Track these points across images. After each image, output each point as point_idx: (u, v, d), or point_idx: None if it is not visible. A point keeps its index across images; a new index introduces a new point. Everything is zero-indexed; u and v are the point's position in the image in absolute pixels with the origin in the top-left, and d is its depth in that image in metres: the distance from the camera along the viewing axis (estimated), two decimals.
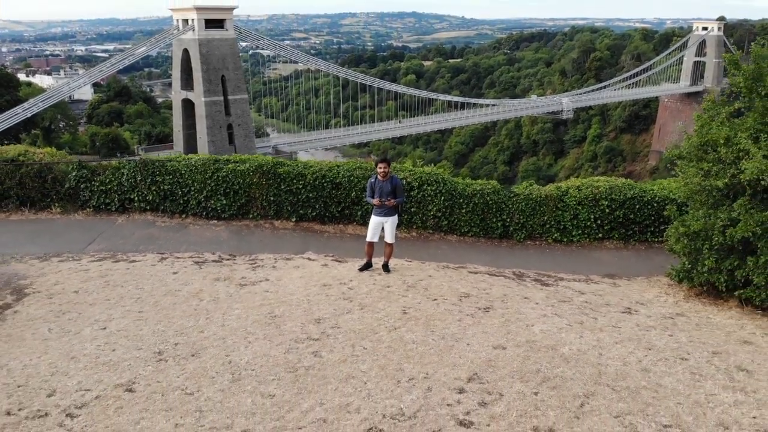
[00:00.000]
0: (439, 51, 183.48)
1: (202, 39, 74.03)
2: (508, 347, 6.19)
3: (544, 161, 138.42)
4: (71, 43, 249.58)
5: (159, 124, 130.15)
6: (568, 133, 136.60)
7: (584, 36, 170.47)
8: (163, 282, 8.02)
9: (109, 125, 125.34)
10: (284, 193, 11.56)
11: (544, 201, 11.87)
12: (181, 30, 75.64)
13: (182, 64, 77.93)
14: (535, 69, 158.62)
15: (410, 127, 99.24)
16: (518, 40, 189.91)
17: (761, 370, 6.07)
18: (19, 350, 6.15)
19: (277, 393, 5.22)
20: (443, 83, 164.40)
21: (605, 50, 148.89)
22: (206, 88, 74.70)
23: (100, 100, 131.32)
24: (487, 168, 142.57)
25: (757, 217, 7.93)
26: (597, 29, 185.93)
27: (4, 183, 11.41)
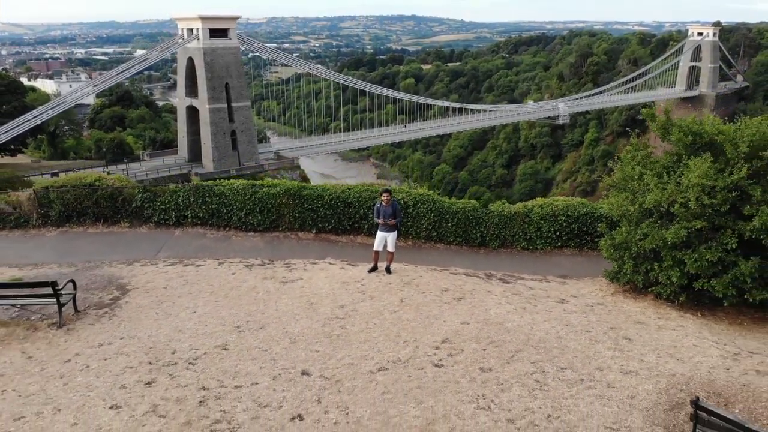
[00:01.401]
0: (438, 55, 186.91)
1: (206, 48, 76.96)
2: (471, 323, 9.32)
3: (542, 164, 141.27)
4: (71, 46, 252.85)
5: (161, 129, 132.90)
6: (565, 137, 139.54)
7: (582, 40, 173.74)
8: (227, 280, 11.15)
9: (111, 129, 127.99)
10: (306, 211, 14.70)
11: (514, 217, 15.01)
12: (186, 39, 78.54)
13: (187, 71, 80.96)
14: (533, 73, 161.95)
15: (409, 133, 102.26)
16: (516, 43, 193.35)
17: (640, 339, 9.19)
18: (140, 326, 9.27)
19: (320, 349, 8.34)
20: (442, 87, 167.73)
21: (602, 55, 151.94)
22: (210, 96, 77.65)
23: (102, 104, 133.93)
24: (485, 171, 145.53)
25: (659, 234, 11.04)
26: (595, 33, 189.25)
27: (83, 203, 14.52)
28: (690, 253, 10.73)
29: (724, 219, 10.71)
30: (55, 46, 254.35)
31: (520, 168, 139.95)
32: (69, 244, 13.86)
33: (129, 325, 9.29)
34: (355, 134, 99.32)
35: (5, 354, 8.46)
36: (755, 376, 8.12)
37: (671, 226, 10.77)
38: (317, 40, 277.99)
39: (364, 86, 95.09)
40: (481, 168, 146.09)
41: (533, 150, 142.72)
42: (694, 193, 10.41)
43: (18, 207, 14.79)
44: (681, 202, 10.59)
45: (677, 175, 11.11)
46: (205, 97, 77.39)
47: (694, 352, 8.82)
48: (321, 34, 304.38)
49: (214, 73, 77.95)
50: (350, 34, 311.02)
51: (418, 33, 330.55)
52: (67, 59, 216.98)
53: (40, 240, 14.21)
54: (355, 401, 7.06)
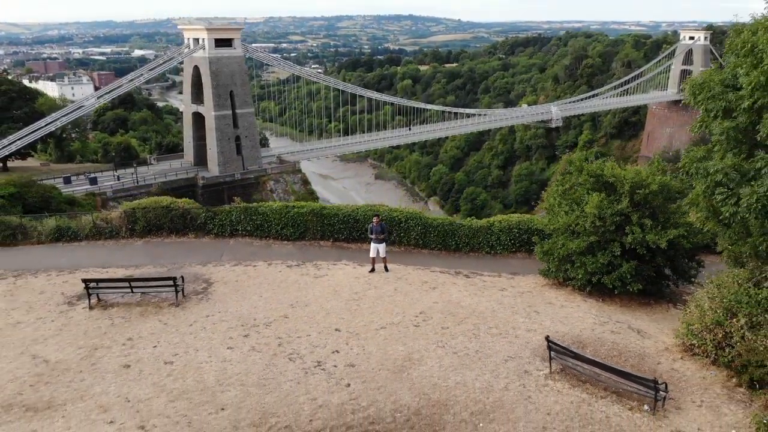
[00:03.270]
0: (435, 56, 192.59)
1: (212, 57, 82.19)
2: (439, 303, 14.94)
3: (537, 166, 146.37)
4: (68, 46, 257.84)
5: (163, 131, 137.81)
6: (560, 139, 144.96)
7: (578, 41, 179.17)
8: (276, 276, 16.75)
9: (114, 132, 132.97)
10: (326, 225, 20.28)
11: (480, 229, 20.60)
12: (192, 48, 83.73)
13: (193, 79, 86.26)
14: (528, 75, 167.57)
15: (406, 137, 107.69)
16: (513, 44, 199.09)
17: (545, 313, 14.78)
18: (229, 305, 14.85)
19: (345, 317, 13.97)
20: (439, 88, 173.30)
21: (597, 57, 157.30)
22: (216, 103, 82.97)
23: (105, 107, 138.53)
24: (482, 172, 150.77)
25: (569, 245, 16.60)
26: (591, 34, 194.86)
27: (161, 219, 20.06)
28: (590, 258, 16.33)
29: (612, 235, 16.30)
30: (53, 46, 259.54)
31: (516, 169, 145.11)
32: (153, 250, 19.46)
33: (220, 305, 14.89)
34: (354, 138, 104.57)
35: (149, 321, 14.05)
36: (609, 334, 13.73)
37: (576, 240, 16.38)
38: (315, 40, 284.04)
39: (363, 92, 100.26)
40: (478, 169, 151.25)
41: (528, 151, 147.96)
42: (590, 218, 16.02)
43: (110, 222, 20.34)
44: (581, 224, 16.20)
45: (582, 205, 16.70)
46: (211, 104, 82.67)
47: (577, 321, 14.44)
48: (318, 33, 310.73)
49: (219, 81, 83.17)
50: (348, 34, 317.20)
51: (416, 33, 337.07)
52: (65, 59, 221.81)
53: (130, 248, 19.80)
54: (367, 344, 12.66)
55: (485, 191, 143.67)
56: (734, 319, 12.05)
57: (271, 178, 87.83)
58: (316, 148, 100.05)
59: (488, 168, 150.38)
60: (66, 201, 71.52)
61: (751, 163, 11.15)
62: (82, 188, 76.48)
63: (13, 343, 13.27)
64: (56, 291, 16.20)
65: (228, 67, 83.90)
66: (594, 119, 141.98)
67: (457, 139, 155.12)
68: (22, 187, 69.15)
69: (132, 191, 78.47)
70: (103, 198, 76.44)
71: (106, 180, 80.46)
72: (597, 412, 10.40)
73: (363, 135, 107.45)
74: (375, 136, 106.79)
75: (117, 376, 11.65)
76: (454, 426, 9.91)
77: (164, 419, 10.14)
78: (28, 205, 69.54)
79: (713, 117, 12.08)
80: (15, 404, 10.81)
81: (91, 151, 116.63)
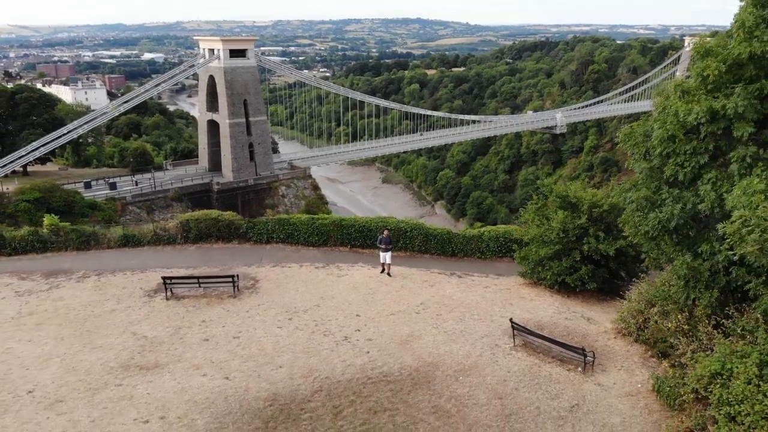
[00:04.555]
0: (443, 60, 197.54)
1: (227, 67, 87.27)
2: (435, 297, 19.71)
3: (542, 171, 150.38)
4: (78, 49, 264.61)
5: (175, 136, 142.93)
6: (566, 144, 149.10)
7: (585, 46, 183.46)
8: (307, 275, 21.55)
9: (128, 136, 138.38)
10: (344, 234, 25.05)
11: (472, 238, 25.30)
12: (208, 59, 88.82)
13: (208, 88, 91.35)
14: (535, 80, 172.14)
15: (413, 143, 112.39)
16: (520, 49, 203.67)
17: (517, 305, 19.48)
18: (274, 297, 19.69)
19: (363, 306, 18.78)
20: (446, 93, 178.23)
21: (603, 63, 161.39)
22: (230, 111, 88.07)
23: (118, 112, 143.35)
24: (488, 177, 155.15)
25: (539, 252, 21.26)
26: (598, 38, 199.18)
27: (210, 229, 24.91)
28: (556, 262, 20.99)
29: (574, 244, 20.96)
30: (63, 49, 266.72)
31: (522, 174, 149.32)
32: (205, 254, 24.31)
33: (267, 297, 19.71)
34: (365, 143, 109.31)
35: (215, 309, 18.88)
36: (563, 320, 18.40)
37: (545, 248, 21.06)
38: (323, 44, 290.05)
39: (371, 99, 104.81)
40: (484, 173, 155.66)
41: (534, 156, 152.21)
42: (555, 231, 20.69)
43: (167, 231, 25.20)
44: (549, 235, 20.89)
45: (551, 220, 21.37)
46: (226, 112, 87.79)
47: (541, 311, 19.13)
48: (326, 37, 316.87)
49: (233, 91, 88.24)
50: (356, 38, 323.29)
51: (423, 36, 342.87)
52: (75, 62, 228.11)
53: (186, 252, 24.66)
54: (380, 325, 17.42)
55: (491, 195, 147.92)
56: (651, 309, 16.70)
57: (282, 184, 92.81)
58: (327, 154, 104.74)
59: (494, 172, 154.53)
60: (88, 205, 76.85)
61: (659, 195, 15.79)
62: (103, 193, 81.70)
63: (115, 324, 18.13)
64: (135, 286, 21.08)
65: (242, 77, 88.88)
66: (599, 125, 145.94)
67: (464, 144, 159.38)
68: (47, 192, 74.64)
69: (150, 196, 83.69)
70: (122, 202, 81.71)
71: (124, 185, 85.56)
72: (543, 371, 15.10)
73: (373, 141, 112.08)
74: (385, 142, 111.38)
75: (200, 346, 16.47)
76: (442, 378, 14.63)
77: (240, 373, 14.93)
78: (53, 209, 75.00)
79: (636, 159, 16.73)
80: (131, 365, 15.64)
81: (106, 156, 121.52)
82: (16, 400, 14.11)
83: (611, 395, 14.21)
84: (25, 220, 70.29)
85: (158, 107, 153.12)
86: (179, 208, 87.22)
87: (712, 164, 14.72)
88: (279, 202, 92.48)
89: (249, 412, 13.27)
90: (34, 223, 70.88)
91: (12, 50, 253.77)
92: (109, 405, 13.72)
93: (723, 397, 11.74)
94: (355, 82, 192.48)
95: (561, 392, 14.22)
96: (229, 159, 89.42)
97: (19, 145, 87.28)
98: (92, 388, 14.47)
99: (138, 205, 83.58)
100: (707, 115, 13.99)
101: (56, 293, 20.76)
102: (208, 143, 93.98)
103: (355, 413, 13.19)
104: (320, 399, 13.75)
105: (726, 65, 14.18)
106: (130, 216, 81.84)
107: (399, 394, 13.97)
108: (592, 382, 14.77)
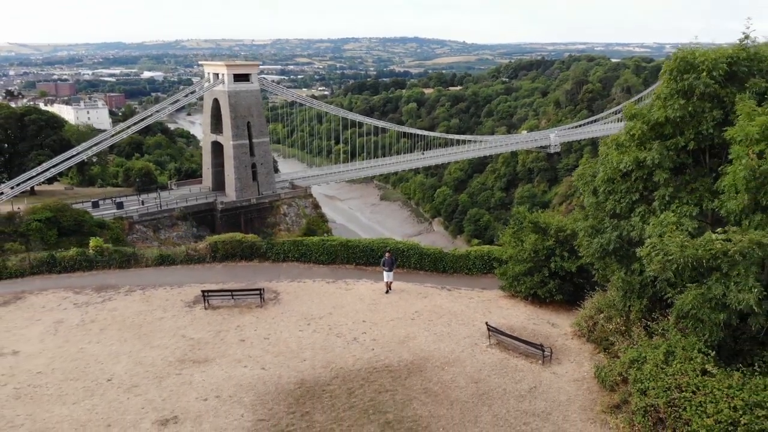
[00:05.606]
0: (440, 79, 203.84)
1: (231, 91, 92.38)
2: (428, 306, 24.30)
3: (538, 188, 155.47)
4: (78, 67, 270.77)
5: (176, 154, 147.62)
6: (561, 162, 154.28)
7: (580, 65, 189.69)
8: (320, 289, 26.10)
9: (130, 155, 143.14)
10: (350, 253, 29.61)
11: (461, 257, 29.86)
12: (213, 83, 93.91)
13: (212, 111, 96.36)
14: (531, 99, 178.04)
15: (411, 162, 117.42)
16: (516, 68, 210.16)
17: (495, 312, 24.01)
18: (294, 306, 24.26)
19: (368, 314, 23.38)
20: (443, 111, 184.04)
21: (597, 82, 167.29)
22: (234, 133, 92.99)
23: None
24: (485, 194, 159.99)
25: (516, 268, 25.84)
26: (593, 57, 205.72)
27: (235, 249, 29.45)
28: (529, 278, 25.55)
29: (543, 262, 25.54)
30: (63, 67, 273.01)
31: (518, 191, 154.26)
32: (231, 271, 28.83)
33: (288, 306, 24.23)
34: (363, 163, 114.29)
35: (246, 316, 23.39)
36: (532, 325, 22.93)
37: (520, 265, 25.64)
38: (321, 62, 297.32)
39: (370, 121, 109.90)
40: (481, 191, 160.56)
41: (530, 174, 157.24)
42: (528, 251, 25.29)
43: (198, 251, 29.73)
44: (522, 255, 25.49)
45: (524, 242, 25.97)
46: (230, 134, 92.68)
47: (514, 317, 23.65)
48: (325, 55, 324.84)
49: (237, 113, 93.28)
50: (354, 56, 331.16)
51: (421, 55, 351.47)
52: (75, 80, 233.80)
53: (214, 270, 29.19)
54: (383, 329, 21.95)
55: (488, 213, 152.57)
56: (599, 315, 21.24)
57: (284, 203, 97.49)
58: (327, 173, 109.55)
59: (491, 190, 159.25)
60: (97, 224, 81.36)
61: (602, 224, 20.41)
62: (110, 212, 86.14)
63: (166, 329, 22.60)
64: (176, 298, 25.57)
65: (246, 100, 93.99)
66: (594, 143, 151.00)
67: (461, 162, 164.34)
68: (57, 212, 79.23)
69: (156, 215, 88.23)
70: (129, 221, 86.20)
71: (130, 204, 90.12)
72: (511, 363, 19.59)
73: (372, 160, 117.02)
74: (384, 161, 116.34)
75: (238, 345, 20.95)
76: (431, 368, 19.11)
77: (273, 365, 19.40)
78: (63, 228, 79.56)
79: (586, 195, 21.38)
80: (186, 360, 20.10)
81: (110, 175, 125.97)
82: (99, 386, 18.55)
83: (562, 380, 18.71)
84: (36, 239, 74.73)
85: (159, 126, 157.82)
86: (184, 226, 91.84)
87: (642, 201, 19.37)
88: (281, 220, 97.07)
89: (283, 392, 17.73)
90: (46, 242, 75.44)
91: (12, 68, 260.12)
92: (174, 388, 18.17)
93: (637, 377, 16.25)
94: (354, 100, 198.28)
95: (523, 378, 18.71)
96: (232, 179, 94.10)
97: (27, 166, 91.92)
98: (158, 377, 18.93)
99: (144, 223, 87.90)
100: (634, 164, 18.67)
101: (110, 304, 25.24)
102: (212, 163, 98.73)
103: (364, 393, 17.65)
104: (337, 383, 18.21)
105: (648, 125, 18.91)
106: (136, 234, 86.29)
107: (398, 379, 18.44)
108: (548, 371, 19.27)
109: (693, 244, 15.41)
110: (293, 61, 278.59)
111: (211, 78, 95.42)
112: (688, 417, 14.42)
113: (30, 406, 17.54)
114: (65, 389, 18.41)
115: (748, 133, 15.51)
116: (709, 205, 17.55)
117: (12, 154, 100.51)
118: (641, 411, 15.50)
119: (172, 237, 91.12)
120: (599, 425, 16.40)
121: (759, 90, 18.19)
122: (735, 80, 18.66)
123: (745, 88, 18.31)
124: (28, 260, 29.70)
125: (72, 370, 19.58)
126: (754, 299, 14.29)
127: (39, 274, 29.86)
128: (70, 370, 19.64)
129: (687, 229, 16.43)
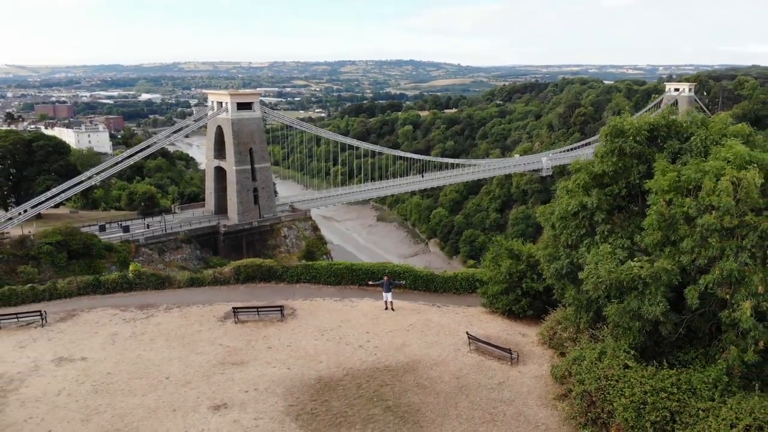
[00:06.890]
0: (435, 102, 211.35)
1: (234, 119, 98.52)
2: (420, 321, 29.98)
3: (532, 210, 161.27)
4: (76, 89, 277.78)
5: (176, 177, 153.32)
6: (554, 184, 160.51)
7: (573, 88, 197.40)
8: (330, 306, 31.78)
9: (131, 179, 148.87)
10: (354, 275, 35.25)
11: (449, 278, 35.54)
12: (216, 111, 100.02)
13: (216, 137, 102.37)
14: (524, 121, 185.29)
15: (408, 185, 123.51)
16: (510, 91, 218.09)
17: (475, 324, 29.68)
18: (310, 320, 29.94)
19: (371, 326, 29.07)
20: (438, 133, 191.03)
21: (589, 105, 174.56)
22: (237, 159, 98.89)
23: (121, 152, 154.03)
24: (480, 215, 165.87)
25: (494, 288, 31.53)
26: (586, 80, 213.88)
27: (255, 273, 35.04)
28: (505, 296, 31.23)
29: (516, 282, 31.23)
30: (61, 89, 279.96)
31: (512, 213, 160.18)
32: (252, 292, 34.41)
33: (304, 321, 29.86)
34: (361, 186, 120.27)
35: (270, 328, 28.99)
36: (505, 335, 28.58)
37: (497, 285, 31.34)
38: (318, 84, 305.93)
39: (367, 146, 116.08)
40: (476, 212, 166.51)
41: (525, 195, 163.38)
42: (503, 273, 31.02)
43: (222, 274, 35.32)
44: (499, 277, 31.21)
45: (500, 266, 31.70)
46: (233, 160, 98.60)
47: (491, 329, 29.31)
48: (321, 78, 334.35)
49: (240, 140, 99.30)
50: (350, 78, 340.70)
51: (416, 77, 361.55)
52: (73, 102, 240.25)
53: (237, 291, 34.76)
54: (383, 338, 27.59)
55: (484, 233, 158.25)
56: (558, 326, 26.90)
57: (284, 225, 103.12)
58: (326, 197, 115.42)
59: (486, 211, 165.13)
60: (105, 248, 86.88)
61: (558, 252, 26.17)
62: (117, 235, 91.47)
63: (205, 339, 28.12)
64: (209, 315, 31.12)
65: (248, 127, 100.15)
66: None
67: (456, 183, 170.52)
68: (67, 236, 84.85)
69: (161, 238, 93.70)
70: (135, 244, 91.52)
71: (136, 228, 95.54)
72: (486, 364, 25.19)
73: (370, 183, 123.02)
74: (381, 185, 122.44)
75: (267, 351, 26.50)
76: (422, 368, 24.69)
77: (296, 366, 24.95)
78: (73, 252, 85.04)
79: (547, 228, 27.18)
80: (226, 362, 25.63)
81: (112, 198, 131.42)
82: (159, 383, 24.05)
83: (525, 377, 24.32)
84: (47, 262, 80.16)
85: (160, 150, 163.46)
86: (188, 249, 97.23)
87: (587, 235, 25.14)
88: (281, 242, 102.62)
89: (306, 386, 23.28)
90: (56, 265, 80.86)
91: (10, 90, 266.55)
92: (220, 383, 23.70)
93: (577, 371, 21.88)
94: (351, 123, 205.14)
95: (495, 375, 24.33)
96: (235, 203, 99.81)
97: (34, 190, 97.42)
98: (206, 375, 24.46)
99: (150, 246, 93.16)
100: (579, 206, 24.45)
101: (154, 320, 30.77)
102: (215, 188, 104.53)
103: (369, 386, 23.21)
104: (348, 379, 23.77)
105: (590, 176, 24.77)
106: (143, 257, 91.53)
107: (396, 376, 24.02)
108: (515, 370, 24.88)
109: (618, 270, 21.15)
110: (290, 84, 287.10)
111: (215, 106, 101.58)
112: (611, 398, 20.03)
113: (107, 398, 23.01)
114: (133, 385, 23.90)
115: (660, 186, 21.31)
116: (637, 238, 23.28)
117: (20, 179, 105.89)
118: (579, 396, 21.11)
119: (176, 259, 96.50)
120: (550, 409, 21.99)
121: (674, 150, 24.21)
122: (656, 142, 24.74)
123: (663, 149, 24.39)
124: (76, 282, 35.22)
125: (135, 371, 25.08)
126: (660, 311, 19.97)
127: (85, 295, 35.36)
128: (133, 371, 25.14)
129: (619, 258, 22.10)
